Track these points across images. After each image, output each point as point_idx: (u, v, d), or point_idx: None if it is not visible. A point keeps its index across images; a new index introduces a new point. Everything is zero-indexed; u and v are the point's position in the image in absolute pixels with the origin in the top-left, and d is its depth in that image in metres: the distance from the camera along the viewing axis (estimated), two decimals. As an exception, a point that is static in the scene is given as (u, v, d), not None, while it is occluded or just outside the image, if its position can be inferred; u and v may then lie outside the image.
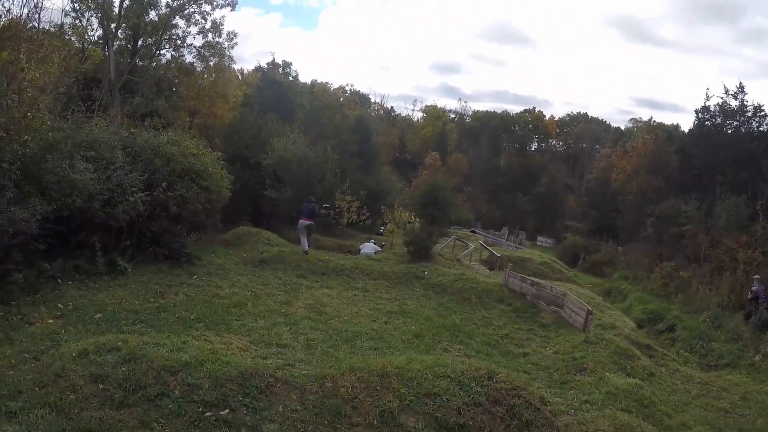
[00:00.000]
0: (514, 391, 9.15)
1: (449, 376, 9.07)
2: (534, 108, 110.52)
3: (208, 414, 7.70)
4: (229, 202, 23.05)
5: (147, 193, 16.04)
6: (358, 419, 8.05)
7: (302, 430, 7.79)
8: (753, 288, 20.17)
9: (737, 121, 39.23)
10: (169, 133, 19.43)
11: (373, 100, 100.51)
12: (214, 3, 35.96)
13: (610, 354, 14.22)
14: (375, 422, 8.03)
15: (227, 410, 7.82)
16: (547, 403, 9.57)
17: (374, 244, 26.13)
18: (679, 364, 16.67)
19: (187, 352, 8.83)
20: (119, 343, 8.73)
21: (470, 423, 8.30)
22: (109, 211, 14.93)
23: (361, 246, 26.11)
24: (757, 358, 17.17)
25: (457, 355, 12.65)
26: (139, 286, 14.22)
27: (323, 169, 31.12)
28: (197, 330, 11.52)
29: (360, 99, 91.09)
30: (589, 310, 16.41)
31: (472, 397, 8.72)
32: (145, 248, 16.54)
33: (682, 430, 10.98)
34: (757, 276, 20.96)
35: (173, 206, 16.89)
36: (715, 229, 28.03)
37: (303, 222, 21.80)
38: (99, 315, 11.74)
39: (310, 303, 15.50)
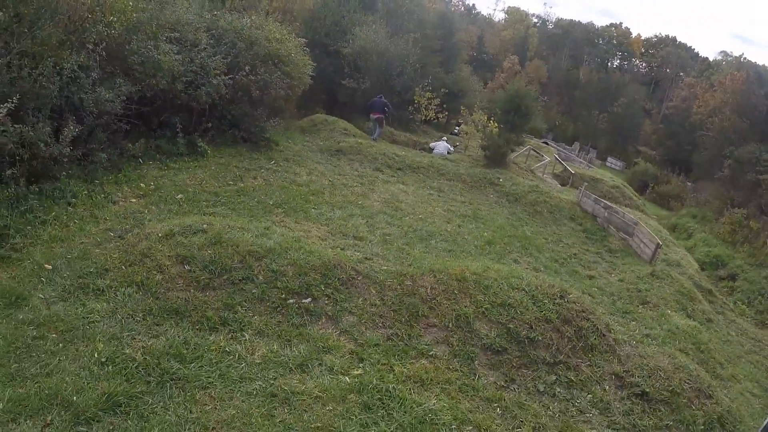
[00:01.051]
0: (584, 314, 9.28)
1: (524, 289, 9.18)
2: (620, 23, 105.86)
3: (291, 301, 7.98)
4: (306, 88, 23.10)
5: (230, 76, 16.00)
6: (434, 320, 8.31)
7: (380, 324, 8.08)
8: None
9: None
10: (252, 17, 19.19)
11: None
12: None
13: (673, 292, 14.30)
14: (450, 325, 8.28)
15: (309, 299, 8.09)
16: (612, 331, 9.69)
17: (447, 143, 25.89)
18: (736, 315, 16.77)
19: (271, 239, 9.00)
20: (204, 226, 8.91)
21: (539, 338, 8.49)
22: (191, 93, 14.99)
23: (432, 144, 25.92)
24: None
25: (527, 268, 12.81)
26: (219, 168, 14.42)
27: (404, 63, 30.54)
28: (276, 216, 11.76)
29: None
30: (658, 243, 16.38)
31: (544, 313, 8.87)
32: (225, 131, 16.75)
33: (731, 381, 11.15)
34: None
35: (255, 90, 16.91)
36: (796, 184, 27.12)
37: (373, 116, 23.67)
38: (180, 196, 11.92)
39: (386, 197, 15.70)
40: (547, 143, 49.54)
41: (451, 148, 25.44)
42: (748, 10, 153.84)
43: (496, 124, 24.99)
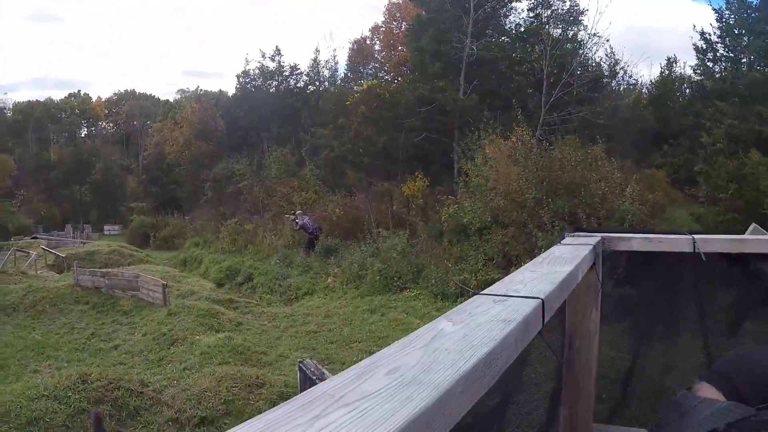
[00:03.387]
0: (112, 384, 9.52)
1: (44, 395, 9.02)
2: (79, 91, 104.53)
3: None
4: None
5: None
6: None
7: None
8: (297, 221, 23.20)
9: (276, 80, 42.65)
10: None
11: None
12: None
13: (194, 318, 15.24)
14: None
15: None
16: (148, 384, 10.10)
17: None
18: (264, 307, 18.56)
19: None
20: None
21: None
22: None
23: None
24: (329, 280, 20.06)
25: (50, 372, 12.43)
26: None
27: None
28: None
29: None
30: (163, 284, 17.21)
31: (73, 406, 8.89)
32: None
33: (280, 361, 12.40)
34: (299, 211, 24.10)
35: None
36: (269, 180, 31.00)
37: None
38: None
39: None
40: (36, 237, 46.99)
41: None
42: (196, 47, 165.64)
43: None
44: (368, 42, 40.41)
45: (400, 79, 34.40)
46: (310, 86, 42.50)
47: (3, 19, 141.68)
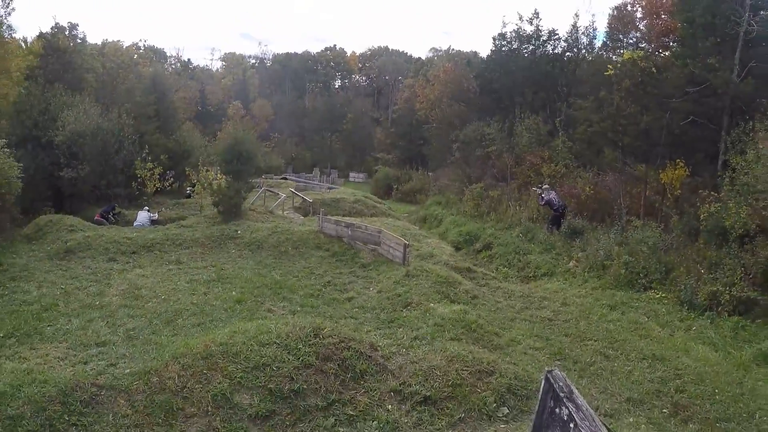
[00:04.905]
0: (343, 344, 9.33)
1: (275, 342, 9.05)
2: (335, 45, 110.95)
3: (34, 445, 7.11)
4: (27, 189, 21.54)
5: None
6: (191, 409, 7.87)
7: (136, 433, 7.50)
8: (543, 195, 21.87)
9: (533, 45, 41.30)
10: None
11: (169, 54, 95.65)
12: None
13: (432, 284, 14.81)
14: (209, 408, 7.90)
15: (55, 435, 7.27)
16: (378, 348, 9.82)
17: (149, 211, 24.74)
18: (500, 281, 17.67)
19: (1, 380, 8.07)
20: None
21: (305, 386, 8.43)
22: None
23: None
24: (570, 264, 18.78)
25: (282, 313, 12.67)
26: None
27: (119, 138, 29.31)
28: (9, 348, 10.54)
29: (156, 54, 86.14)
30: (405, 243, 16.93)
31: (302, 359, 8.81)
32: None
33: (512, 346, 11.63)
34: (545, 186, 22.71)
35: (-42, 213, 15.34)
36: (519, 148, 29.85)
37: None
38: None
39: (124, 288, 14.78)
40: (286, 178, 50.18)
41: (154, 216, 24.39)
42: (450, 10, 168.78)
43: (222, 177, 24.75)
44: (629, 8, 37.72)
45: (661, 51, 31.66)
46: (567, 53, 40.58)
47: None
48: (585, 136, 24.62)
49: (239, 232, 20.70)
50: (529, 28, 41.30)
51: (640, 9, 37.09)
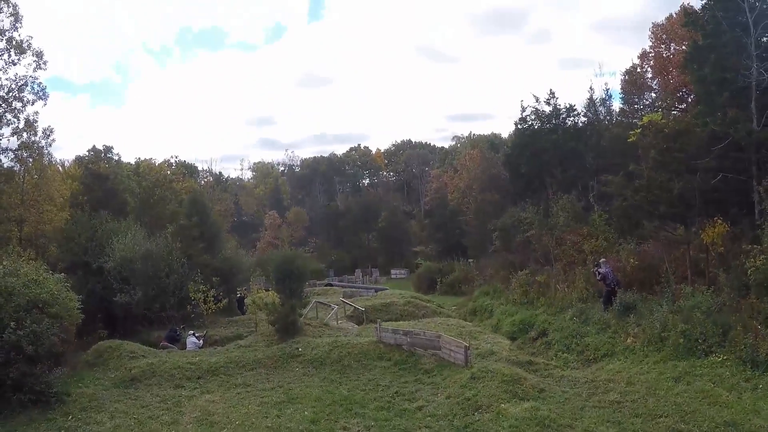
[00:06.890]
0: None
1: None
2: (359, 144, 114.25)
3: None
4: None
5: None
6: None
7: None
8: (600, 270, 21.83)
9: (553, 123, 42.29)
10: (4, 262, 18.18)
11: (200, 168, 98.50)
12: (25, 99, 33.34)
13: (498, 384, 14.90)
14: None
15: None
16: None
17: (194, 336, 24.83)
18: (562, 369, 17.69)
19: None
20: None
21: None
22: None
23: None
24: (628, 341, 18.54)
25: (358, 430, 12.88)
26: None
27: (168, 261, 30.08)
28: None
29: (187, 169, 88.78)
30: (466, 346, 17.14)
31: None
32: (9, 398, 15.44)
33: None
34: (603, 259, 22.71)
35: (28, 346, 15.93)
36: (557, 228, 29.86)
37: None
38: None
39: (197, 415, 15.05)
40: (331, 284, 50.47)
41: (200, 342, 24.38)
42: (460, 91, 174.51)
43: (275, 295, 25.11)
44: (639, 70, 38.70)
45: (677, 106, 32.24)
46: (588, 126, 41.57)
47: (281, 87, 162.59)
48: (621, 210, 24.84)
49: (300, 349, 20.73)
50: (547, 108, 42.44)
51: (650, 69, 38.06)
